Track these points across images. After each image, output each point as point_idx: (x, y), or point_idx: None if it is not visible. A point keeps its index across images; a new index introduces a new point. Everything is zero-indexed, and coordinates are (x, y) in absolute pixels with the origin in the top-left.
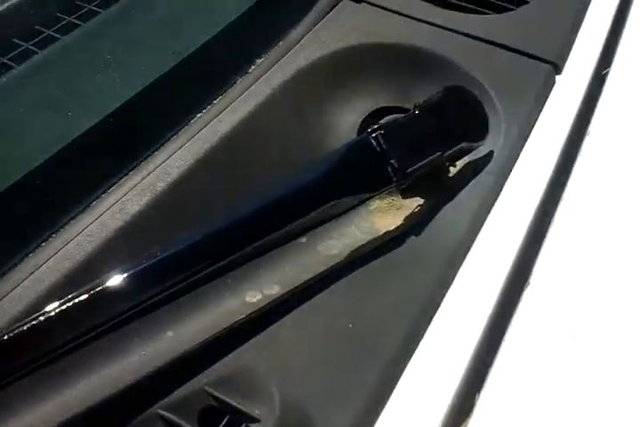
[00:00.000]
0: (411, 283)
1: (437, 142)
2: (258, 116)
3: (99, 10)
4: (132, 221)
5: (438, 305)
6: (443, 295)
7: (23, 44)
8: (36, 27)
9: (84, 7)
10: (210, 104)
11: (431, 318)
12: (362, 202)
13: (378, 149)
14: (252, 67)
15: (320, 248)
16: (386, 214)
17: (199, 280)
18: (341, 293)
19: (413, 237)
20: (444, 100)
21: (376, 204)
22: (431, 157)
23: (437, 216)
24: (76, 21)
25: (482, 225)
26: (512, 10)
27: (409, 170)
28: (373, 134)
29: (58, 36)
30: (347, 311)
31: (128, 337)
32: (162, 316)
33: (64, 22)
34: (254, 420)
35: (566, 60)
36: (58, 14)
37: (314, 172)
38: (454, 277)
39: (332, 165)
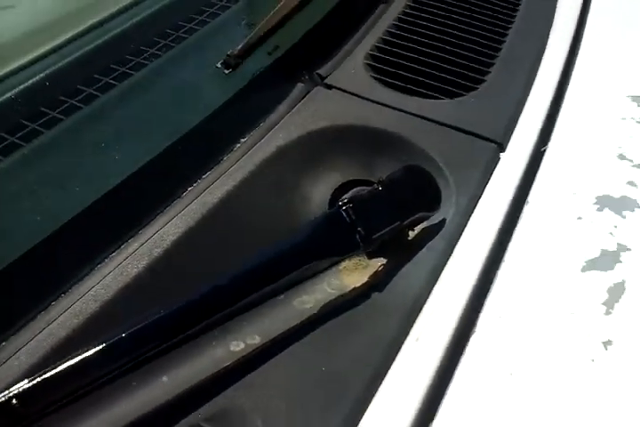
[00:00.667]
0: (374, 332)
1: (398, 213)
2: (243, 188)
3: (99, 94)
4: (133, 283)
5: (398, 350)
6: (402, 342)
7: (30, 124)
8: (42, 109)
9: (85, 91)
10: (200, 179)
11: (392, 361)
12: (333, 264)
13: (348, 219)
14: (238, 145)
15: (295, 303)
16: (353, 273)
17: (191, 333)
18: (315, 341)
19: (377, 293)
20: (402, 177)
21: (345, 264)
22: (392, 226)
23: (398, 275)
24: (78, 104)
25: (435, 283)
26: (462, 95)
27: (374, 237)
28: (344, 207)
29: (62, 117)
30: (320, 357)
31: (127, 383)
32: (158, 364)
33: (67, 105)
34: None
35: (509, 139)
36: (61, 97)
37: (293, 240)
38: (412, 327)
39: (308, 233)
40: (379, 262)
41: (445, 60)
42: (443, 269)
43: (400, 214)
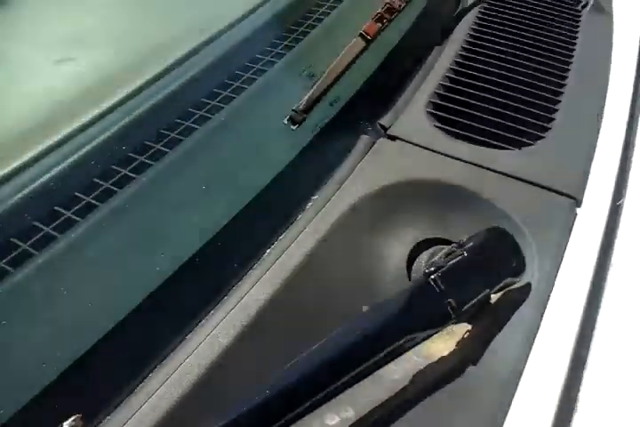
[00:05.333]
0: (469, 407)
1: (485, 280)
2: (319, 249)
3: (166, 149)
4: (224, 353)
5: None
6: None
7: (103, 182)
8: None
9: (153, 147)
10: (277, 240)
11: None
12: (424, 339)
13: (437, 290)
14: (310, 203)
15: (383, 373)
16: (438, 340)
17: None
18: (410, 416)
19: (468, 363)
20: (486, 240)
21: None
22: (482, 295)
23: (488, 343)
24: (147, 160)
25: (527, 357)
26: (530, 144)
27: (465, 308)
28: (432, 276)
29: (133, 175)
30: None
31: None
32: None
33: (136, 162)
34: None
35: (584, 192)
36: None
37: (383, 315)
38: (510, 404)
39: (398, 308)
40: (463, 328)
41: (508, 107)
42: (534, 339)
43: (488, 281)
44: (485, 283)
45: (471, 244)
